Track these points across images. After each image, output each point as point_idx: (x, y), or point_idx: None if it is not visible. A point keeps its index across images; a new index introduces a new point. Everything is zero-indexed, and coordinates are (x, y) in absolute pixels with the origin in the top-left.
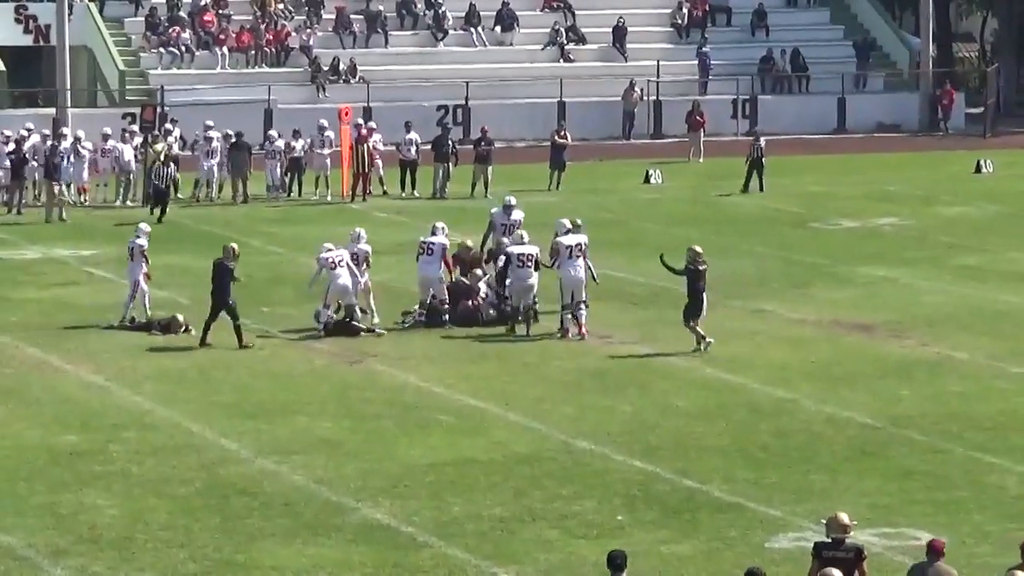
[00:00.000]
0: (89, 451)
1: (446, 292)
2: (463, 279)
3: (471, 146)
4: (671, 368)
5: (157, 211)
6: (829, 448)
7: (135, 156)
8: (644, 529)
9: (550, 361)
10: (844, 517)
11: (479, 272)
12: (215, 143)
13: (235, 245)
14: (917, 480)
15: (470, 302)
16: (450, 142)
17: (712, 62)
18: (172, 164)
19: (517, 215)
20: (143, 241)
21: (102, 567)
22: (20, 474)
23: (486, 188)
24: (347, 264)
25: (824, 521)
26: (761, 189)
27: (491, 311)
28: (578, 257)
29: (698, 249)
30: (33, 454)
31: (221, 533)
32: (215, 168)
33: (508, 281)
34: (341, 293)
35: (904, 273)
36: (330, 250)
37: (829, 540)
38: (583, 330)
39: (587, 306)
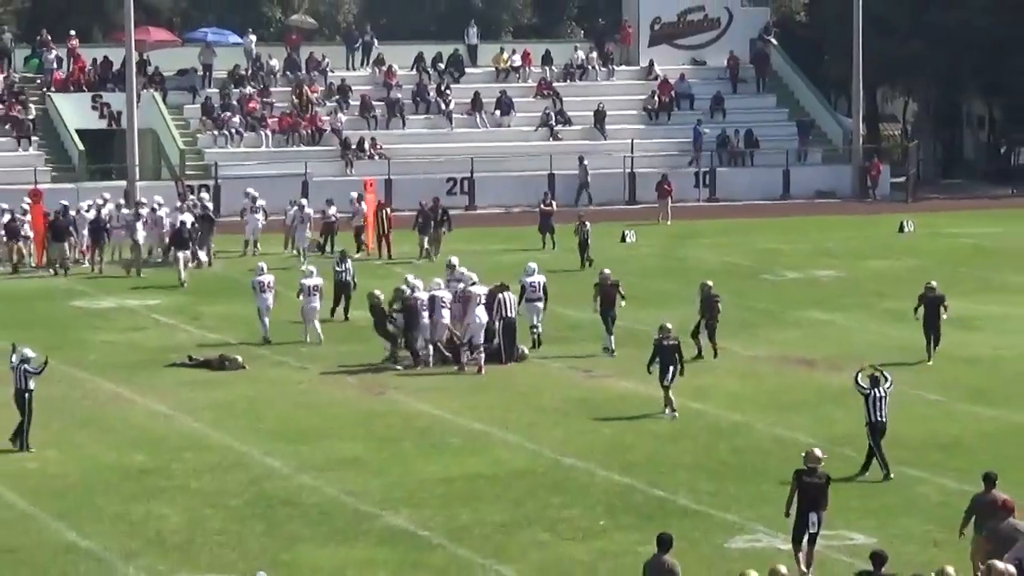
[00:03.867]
0: (155, 469)
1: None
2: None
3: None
4: (643, 398)
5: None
6: (777, 463)
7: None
8: (622, 532)
9: (542, 392)
10: (818, 452)
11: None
12: (258, 210)
13: (377, 292)
14: (852, 490)
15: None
16: (442, 209)
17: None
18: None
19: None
20: (267, 277)
21: (167, 567)
22: (98, 488)
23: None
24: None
25: (804, 454)
26: (590, 264)
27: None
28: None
29: (668, 325)
30: (108, 472)
31: (267, 537)
32: (258, 228)
33: (520, 304)
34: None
35: (840, 317)
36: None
37: (806, 468)
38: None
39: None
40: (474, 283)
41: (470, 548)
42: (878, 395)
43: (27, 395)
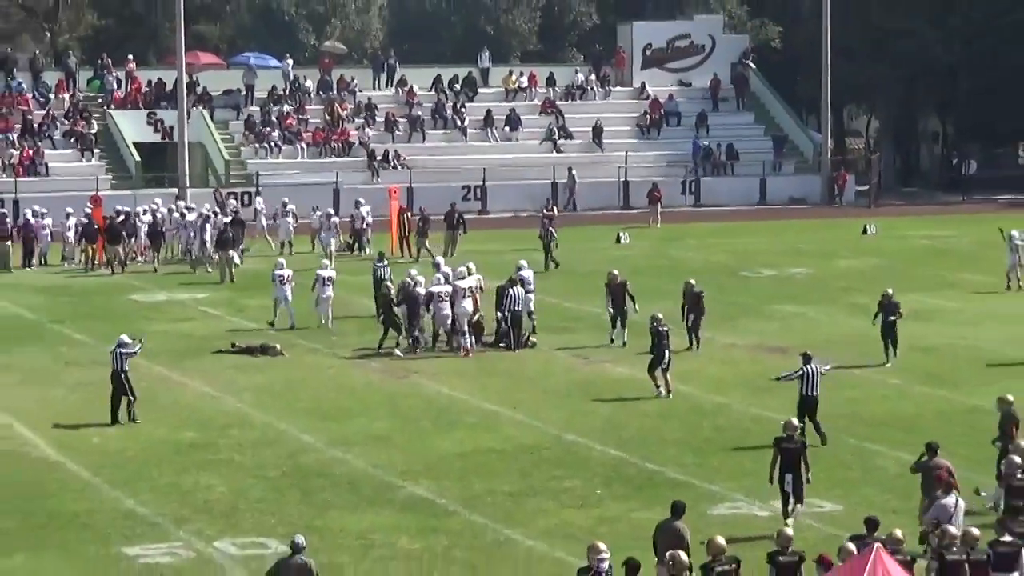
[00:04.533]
0: (203, 444)
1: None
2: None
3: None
4: (636, 381)
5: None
6: (755, 440)
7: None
8: (617, 501)
9: (546, 376)
10: (794, 421)
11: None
12: (290, 214)
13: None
14: (820, 463)
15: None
16: (458, 214)
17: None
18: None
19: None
20: (286, 271)
21: (214, 530)
22: (152, 462)
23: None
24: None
25: (783, 424)
26: (556, 266)
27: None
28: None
29: (659, 315)
30: (162, 446)
31: (302, 505)
32: (291, 230)
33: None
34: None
35: (810, 309)
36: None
37: (784, 435)
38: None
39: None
40: (461, 278)
41: (482, 515)
42: (810, 372)
43: (123, 375)
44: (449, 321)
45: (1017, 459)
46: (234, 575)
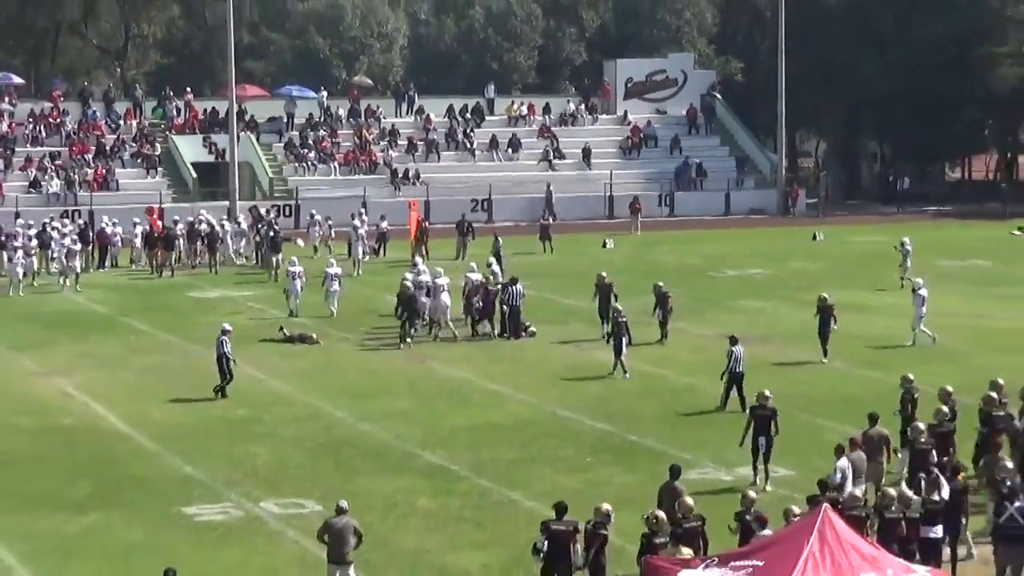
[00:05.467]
0: (251, 419)
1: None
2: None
3: (456, 225)
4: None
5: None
6: (722, 415)
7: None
8: (604, 467)
9: (544, 363)
10: (767, 391)
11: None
12: (315, 223)
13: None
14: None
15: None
16: (467, 223)
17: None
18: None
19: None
20: (298, 268)
21: (260, 492)
22: (208, 433)
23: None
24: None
25: (757, 394)
26: (552, 251)
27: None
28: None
29: (619, 307)
30: (215, 421)
31: (335, 471)
32: (319, 236)
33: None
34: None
35: (768, 305)
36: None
37: (758, 404)
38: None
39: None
40: (439, 275)
41: (489, 479)
42: (736, 352)
43: (224, 359)
44: (448, 312)
45: (921, 425)
46: (277, 531)
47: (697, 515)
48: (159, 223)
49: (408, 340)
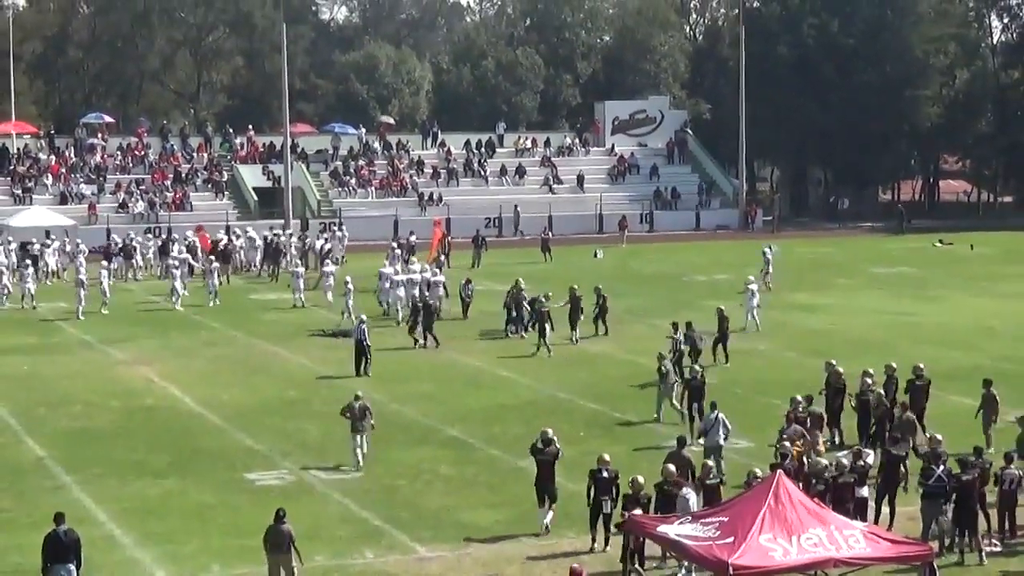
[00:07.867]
0: (301, 400)
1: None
2: None
3: (467, 238)
4: (606, 355)
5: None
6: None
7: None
8: (595, 439)
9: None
10: (698, 366)
11: None
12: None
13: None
14: (737, 413)
15: None
16: (482, 237)
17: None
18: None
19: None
20: (300, 269)
21: (310, 461)
22: (265, 412)
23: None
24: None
25: (688, 368)
26: (551, 260)
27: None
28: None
29: (542, 298)
30: (272, 401)
31: (371, 443)
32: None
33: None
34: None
35: (734, 305)
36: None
37: (690, 376)
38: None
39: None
40: (424, 271)
41: (499, 450)
42: (681, 337)
43: (364, 344)
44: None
45: (799, 398)
46: (324, 493)
47: (676, 480)
48: (208, 239)
49: (422, 341)
